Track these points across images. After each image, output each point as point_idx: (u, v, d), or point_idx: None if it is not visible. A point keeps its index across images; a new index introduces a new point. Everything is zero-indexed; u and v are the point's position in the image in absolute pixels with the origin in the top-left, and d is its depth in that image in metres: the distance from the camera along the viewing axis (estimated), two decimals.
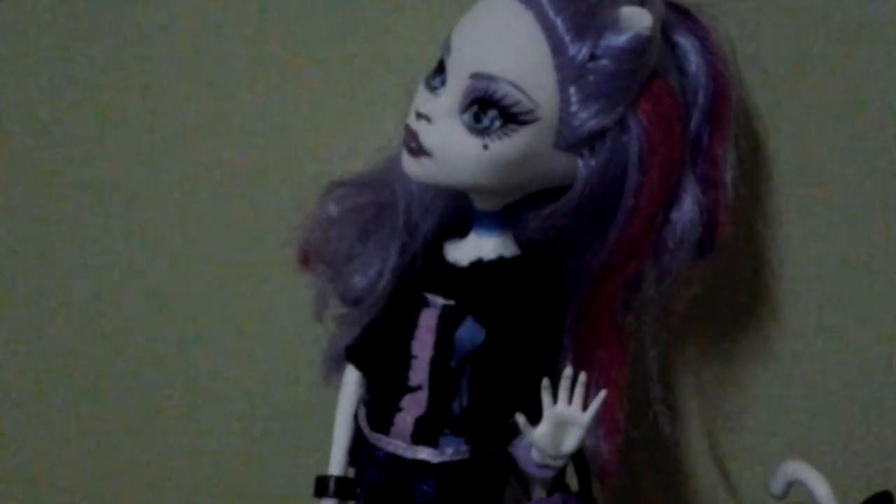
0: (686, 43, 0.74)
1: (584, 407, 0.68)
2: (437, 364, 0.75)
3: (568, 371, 0.68)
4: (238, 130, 0.89)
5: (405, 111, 0.75)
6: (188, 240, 0.92)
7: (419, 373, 0.76)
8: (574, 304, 0.76)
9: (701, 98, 0.74)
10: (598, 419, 0.73)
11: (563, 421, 0.68)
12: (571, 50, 0.69)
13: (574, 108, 0.70)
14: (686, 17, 0.74)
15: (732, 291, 0.85)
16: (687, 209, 0.73)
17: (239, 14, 0.87)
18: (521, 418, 0.69)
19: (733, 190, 0.75)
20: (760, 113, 0.81)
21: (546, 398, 0.68)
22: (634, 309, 0.76)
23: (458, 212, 0.77)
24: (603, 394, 0.68)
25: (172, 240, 0.92)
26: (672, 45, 0.73)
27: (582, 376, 0.67)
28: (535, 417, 0.74)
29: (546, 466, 0.71)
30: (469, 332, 0.74)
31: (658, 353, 0.78)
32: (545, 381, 0.68)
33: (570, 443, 0.69)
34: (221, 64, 0.88)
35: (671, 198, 0.72)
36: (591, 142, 0.70)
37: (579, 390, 0.68)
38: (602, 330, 0.76)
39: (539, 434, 0.68)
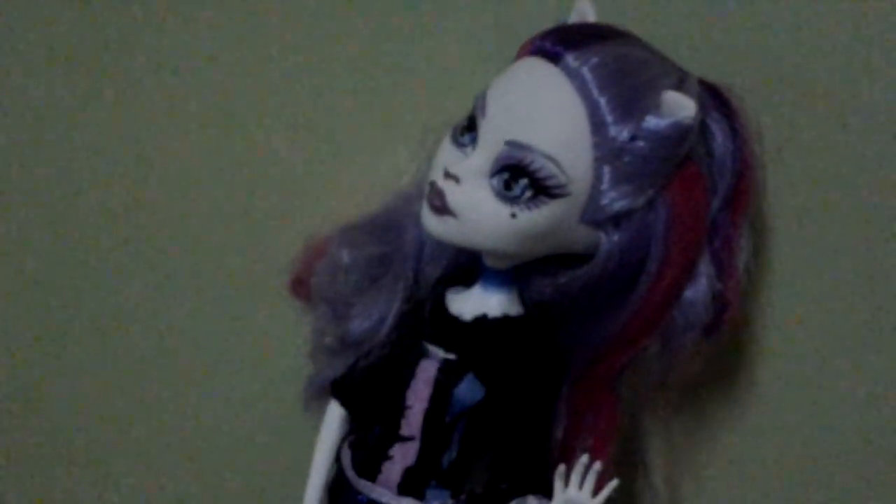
0: (715, 125, 0.74)
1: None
2: (431, 417, 0.75)
3: (584, 459, 0.68)
4: (244, 160, 0.87)
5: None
6: (180, 257, 0.90)
7: (412, 423, 0.75)
8: (573, 368, 0.76)
9: (724, 181, 0.74)
10: None
11: None
12: (612, 131, 0.68)
13: (605, 186, 0.69)
14: (716, 97, 0.74)
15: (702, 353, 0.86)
16: (700, 290, 0.73)
17: (248, 43, 0.85)
18: (533, 501, 0.69)
19: (745, 275, 0.75)
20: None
21: (558, 483, 0.68)
22: (632, 380, 0.76)
23: (465, 261, 0.76)
24: (614, 483, 0.68)
25: (170, 260, 0.90)
26: (702, 126, 0.73)
27: (597, 465, 0.68)
28: (524, 478, 0.75)
29: None
30: (468, 389, 0.74)
31: (649, 420, 0.78)
32: (560, 468, 0.68)
33: None
34: (227, 89, 0.86)
35: (689, 278, 0.73)
36: (617, 219, 0.70)
37: (591, 477, 0.68)
38: (598, 397, 0.76)
39: None
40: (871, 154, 0.79)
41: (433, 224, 0.71)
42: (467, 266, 0.76)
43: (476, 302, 0.75)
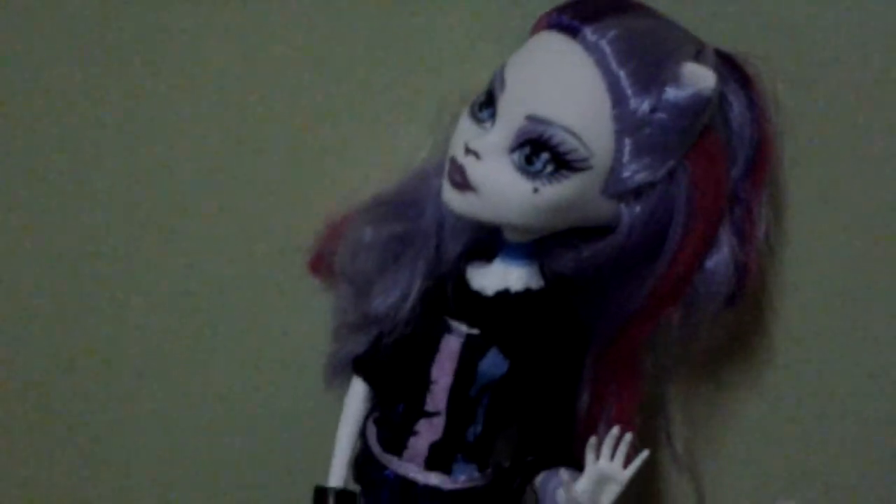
0: (732, 95, 0.74)
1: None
2: (456, 391, 0.75)
3: (615, 430, 0.68)
4: (260, 137, 0.87)
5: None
6: (200, 237, 0.90)
7: (437, 398, 0.76)
8: (596, 340, 0.76)
9: (743, 151, 0.74)
10: None
11: (604, 477, 0.69)
12: (633, 103, 0.68)
13: (626, 158, 0.69)
14: (733, 67, 0.74)
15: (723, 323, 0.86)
16: (722, 260, 0.73)
17: (263, 20, 0.85)
18: (565, 474, 0.70)
19: (765, 243, 0.75)
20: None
21: (590, 455, 0.68)
22: (655, 350, 0.77)
23: (485, 236, 0.76)
24: (645, 454, 0.69)
25: (184, 236, 0.90)
26: (719, 96, 0.73)
27: (628, 436, 0.68)
28: (550, 451, 0.76)
29: None
30: (492, 364, 0.74)
31: (671, 390, 0.79)
32: (592, 439, 0.68)
33: (606, 498, 0.69)
34: (248, 68, 0.85)
35: (710, 248, 0.73)
36: (638, 191, 0.70)
37: (623, 448, 0.68)
38: (621, 368, 0.76)
39: (580, 489, 0.69)
40: (889, 120, 0.79)
41: (454, 200, 0.71)
42: (488, 241, 0.76)
43: (498, 276, 0.75)
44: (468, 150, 0.70)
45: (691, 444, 0.87)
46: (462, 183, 0.70)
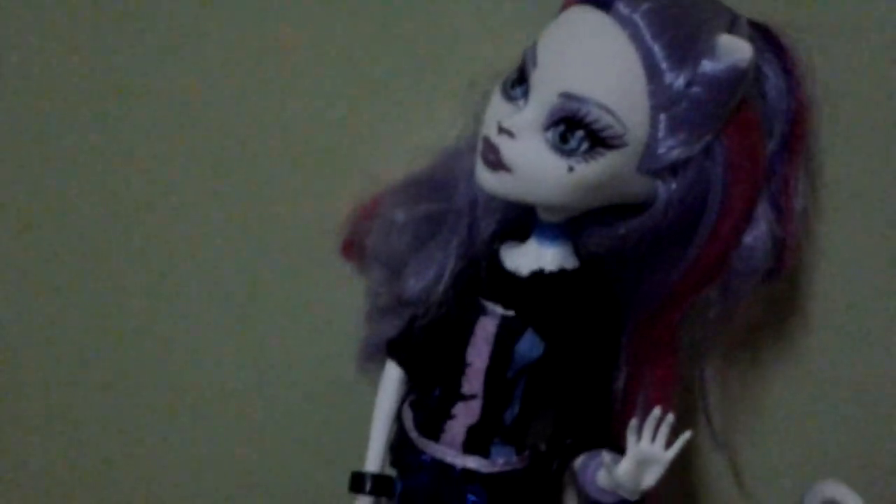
0: (767, 66, 0.73)
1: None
2: (493, 374, 0.74)
3: (656, 411, 0.67)
4: (290, 121, 0.86)
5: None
6: (230, 223, 0.89)
7: (474, 381, 0.75)
8: (632, 320, 0.75)
9: (779, 124, 0.73)
10: None
11: (645, 459, 0.68)
12: (668, 77, 0.67)
13: (662, 134, 0.68)
14: (768, 38, 0.73)
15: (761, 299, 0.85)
16: (760, 235, 0.72)
17: (295, 6, 0.84)
18: (607, 457, 0.69)
19: (803, 218, 0.74)
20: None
21: (631, 437, 0.67)
22: (692, 327, 0.76)
23: (518, 215, 0.75)
24: (687, 434, 0.68)
25: (212, 223, 0.90)
26: (755, 68, 0.72)
27: (669, 417, 0.67)
28: (588, 433, 0.75)
29: (606, 492, 0.71)
30: (529, 345, 0.73)
31: (709, 369, 0.78)
32: (633, 422, 0.67)
33: (649, 479, 0.68)
34: (272, 57, 0.85)
35: (748, 223, 0.72)
36: (674, 168, 0.69)
37: (664, 429, 0.67)
38: (658, 347, 0.75)
39: (622, 471, 0.68)
40: None
41: (488, 180, 0.70)
42: (521, 220, 0.75)
43: (532, 256, 0.75)
44: (501, 129, 0.69)
45: (729, 422, 0.86)
46: (496, 162, 0.69)
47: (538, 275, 0.74)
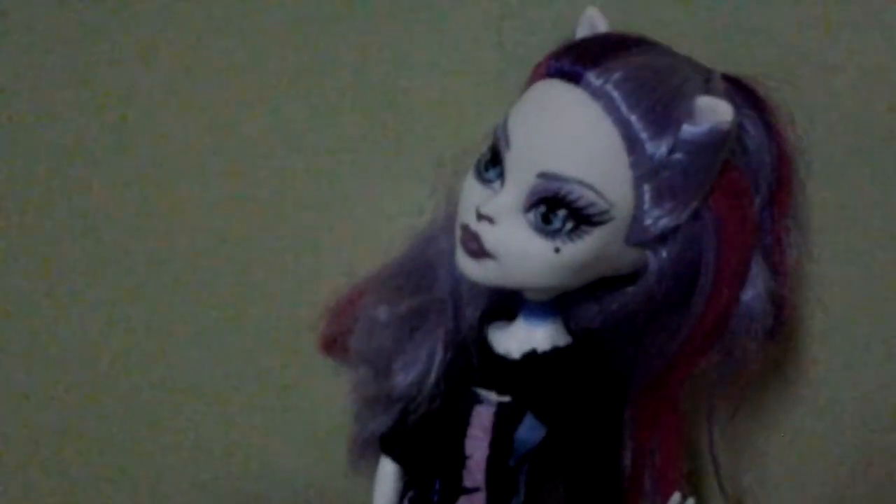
0: (747, 120, 0.70)
1: None
2: (494, 464, 0.72)
3: (676, 498, 0.65)
4: (267, 203, 0.85)
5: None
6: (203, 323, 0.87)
7: (475, 474, 0.72)
8: (633, 392, 0.73)
9: (764, 177, 0.71)
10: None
11: None
12: (649, 147, 0.65)
13: (647, 205, 0.66)
14: (744, 92, 0.71)
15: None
16: (757, 292, 0.70)
17: (252, 82, 0.83)
18: None
19: (797, 269, 0.72)
20: None
21: None
22: (695, 392, 0.74)
23: (505, 296, 0.73)
24: None
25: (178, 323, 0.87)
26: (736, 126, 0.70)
27: (690, 501, 0.64)
28: None
29: None
30: (529, 431, 0.71)
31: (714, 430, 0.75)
32: None
33: None
34: (238, 141, 0.83)
35: (744, 284, 0.69)
36: (663, 237, 0.67)
37: None
38: (662, 415, 0.73)
39: None
40: None
41: (471, 269, 0.68)
42: (506, 300, 0.73)
43: (522, 337, 0.72)
44: (480, 216, 0.66)
45: (737, 479, 0.84)
46: (478, 251, 0.67)
47: (531, 356, 0.71)
